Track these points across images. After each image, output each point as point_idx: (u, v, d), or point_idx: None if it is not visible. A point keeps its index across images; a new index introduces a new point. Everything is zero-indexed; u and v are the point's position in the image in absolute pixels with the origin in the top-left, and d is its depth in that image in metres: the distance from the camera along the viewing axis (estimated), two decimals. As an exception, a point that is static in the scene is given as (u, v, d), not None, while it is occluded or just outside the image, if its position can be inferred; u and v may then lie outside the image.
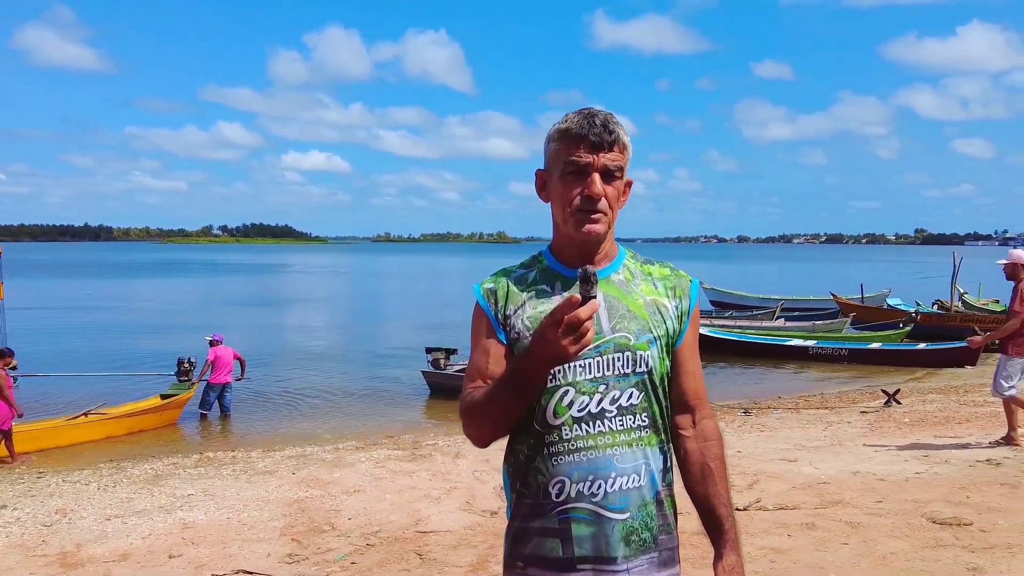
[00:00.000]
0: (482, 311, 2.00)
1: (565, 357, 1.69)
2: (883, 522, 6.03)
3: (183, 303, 42.97)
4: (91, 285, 59.28)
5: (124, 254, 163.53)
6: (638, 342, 1.92)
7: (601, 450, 1.88)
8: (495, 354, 1.95)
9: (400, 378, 18.86)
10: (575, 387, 1.89)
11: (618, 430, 1.90)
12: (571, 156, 1.90)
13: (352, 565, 5.64)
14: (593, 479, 1.87)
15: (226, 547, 6.12)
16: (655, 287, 2.02)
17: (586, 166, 1.89)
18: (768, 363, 20.97)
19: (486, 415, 1.89)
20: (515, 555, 1.96)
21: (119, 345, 24.22)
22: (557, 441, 1.89)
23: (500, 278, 2.03)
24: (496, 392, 1.84)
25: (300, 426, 13.82)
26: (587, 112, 1.92)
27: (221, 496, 7.72)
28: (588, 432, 1.88)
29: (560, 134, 1.93)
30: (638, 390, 1.92)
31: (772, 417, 12.64)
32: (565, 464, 1.88)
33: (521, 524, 1.95)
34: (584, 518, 1.87)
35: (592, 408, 1.89)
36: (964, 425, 10.55)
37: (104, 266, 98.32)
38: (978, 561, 5.11)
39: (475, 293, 2.02)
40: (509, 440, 1.98)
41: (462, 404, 1.95)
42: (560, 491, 1.89)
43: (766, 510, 6.48)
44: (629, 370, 1.91)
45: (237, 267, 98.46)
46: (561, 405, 1.89)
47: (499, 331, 1.97)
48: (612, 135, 1.90)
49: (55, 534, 6.57)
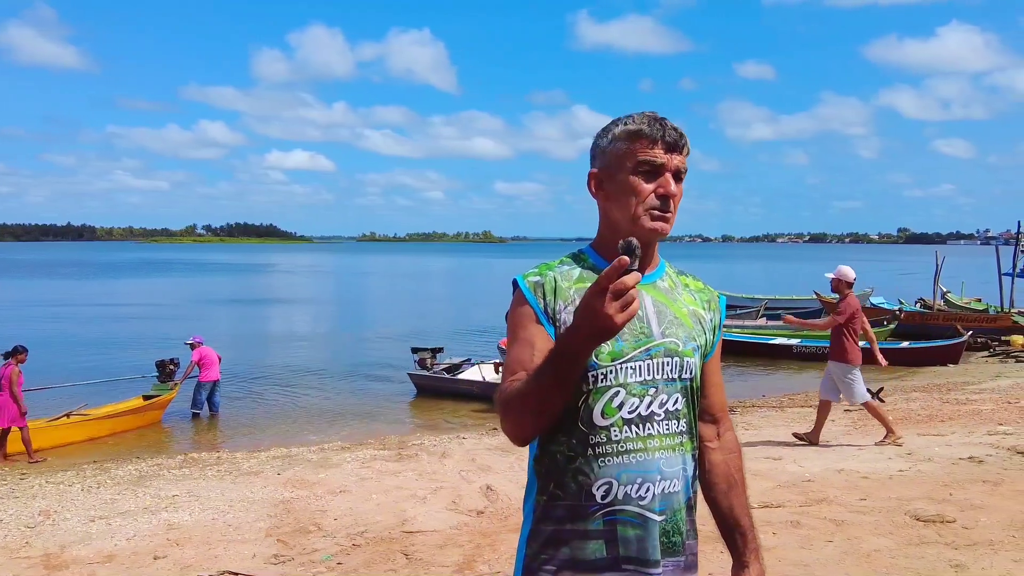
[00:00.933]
0: (527, 303, 1.94)
1: (611, 328, 1.62)
2: (867, 520, 6.07)
3: (168, 303, 42.70)
4: (74, 285, 58.88)
5: (108, 254, 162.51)
6: (685, 348, 1.95)
7: (651, 452, 1.88)
8: (540, 347, 1.88)
9: (386, 378, 18.84)
10: (625, 388, 1.88)
11: (664, 434, 1.91)
12: (647, 155, 1.91)
13: (338, 566, 5.63)
14: (642, 482, 1.87)
15: (211, 548, 6.10)
16: (694, 298, 2.06)
17: (661, 166, 1.91)
18: (752, 362, 21.07)
19: (526, 406, 1.81)
20: (545, 559, 1.91)
21: (101, 347, 24.10)
22: (605, 442, 1.87)
23: (546, 272, 1.98)
24: (538, 379, 1.77)
25: (285, 426, 13.78)
26: (652, 116, 1.95)
27: (206, 497, 7.68)
28: (638, 434, 1.88)
29: (630, 134, 1.93)
30: (682, 396, 1.94)
31: (757, 415, 12.70)
32: (614, 466, 1.87)
33: (555, 527, 1.91)
34: (631, 520, 1.86)
35: (642, 411, 1.89)
36: (947, 423, 10.63)
37: (87, 266, 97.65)
38: (961, 558, 5.16)
39: (520, 285, 1.97)
40: (542, 441, 1.94)
41: (500, 397, 1.88)
42: (607, 493, 1.86)
43: (751, 508, 6.51)
44: (676, 375, 1.93)
45: (223, 267, 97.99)
46: (611, 406, 1.88)
47: (547, 325, 1.92)
48: (683, 138, 1.93)
49: (39, 536, 6.52)
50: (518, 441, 1.90)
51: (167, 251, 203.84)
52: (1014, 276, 29.20)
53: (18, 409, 11.23)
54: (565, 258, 2.05)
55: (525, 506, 2.00)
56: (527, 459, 2.03)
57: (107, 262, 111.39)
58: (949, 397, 13.66)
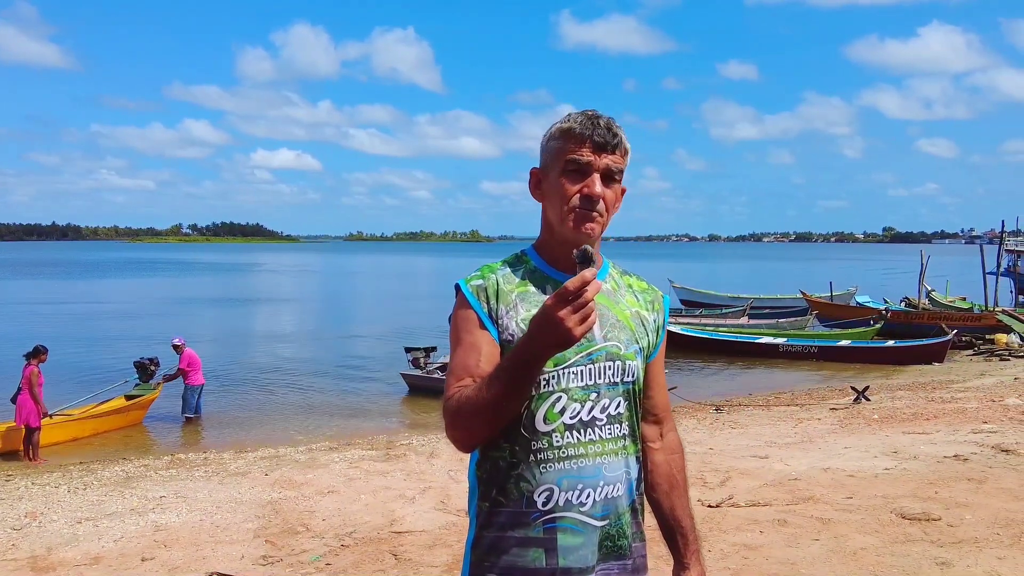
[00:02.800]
0: (469, 307, 1.92)
1: (571, 339, 1.63)
2: (853, 518, 6.11)
3: (154, 302, 42.47)
4: (58, 285, 58.50)
5: (93, 253, 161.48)
6: (627, 352, 1.93)
7: (591, 458, 1.87)
8: (487, 352, 1.87)
9: (373, 378, 18.82)
10: (567, 394, 1.86)
11: (607, 439, 1.89)
12: (573, 154, 1.88)
13: (327, 566, 5.63)
14: (582, 488, 1.85)
15: (199, 549, 6.09)
16: (636, 299, 2.03)
17: (587, 165, 1.87)
18: (739, 361, 21.15)
19: (478, 414, 1.78)
20: (486, 567, 1.89)
21: (84, 346, 23.93)
22: (546, 448, 1.85)
23: (488, 274, 1.96)
24: (492, 386, 1.75)
25: (273, 427, 13.73)
26: (591, 113, 1.92)
27: (193, 498, 7.66)
28: (579, 440, 1.86)
29: (562, 133, 1.91)
30: (624, 399, 1.93)
31: (743, 414, 12.75)
32: (554, 472, 1.85)
33: (497, 534, 1.88)
34: (571, 527, 1.84)
35: (584, 416, 1.87)
36: (932, 421, 10.70)
37: (72, 265, 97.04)
38: (946, 555, 5.20)
39: (462, 289, 1.94)
40: (484, 447, 1.91)
41: (449, 404, 1.85)
42: (548, 499, 1.84)
43: (738, 507, 6.54)
44: (618, 379, 1.91)
45: (210, 266, 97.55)
46: (553, 411, 1.86)
47: (492, 329, 1.90)
48: (615, 138, 1.89)
49: (25, 538, 6.49)
50: (465, 447, 1.89)
51: (153, 251, 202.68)
52: (998, 275, 29.44)
53: (37, 409, 11.23)
54: (508, 259, 2.02)
55: (469, 511, 1.98)
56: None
57: (92, 262, 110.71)
58: (934, 396, 13.76)
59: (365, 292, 56.00)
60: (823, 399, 14.33)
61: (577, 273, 1.62)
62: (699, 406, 13.95)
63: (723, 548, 5.53)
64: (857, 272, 73.47)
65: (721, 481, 7.47)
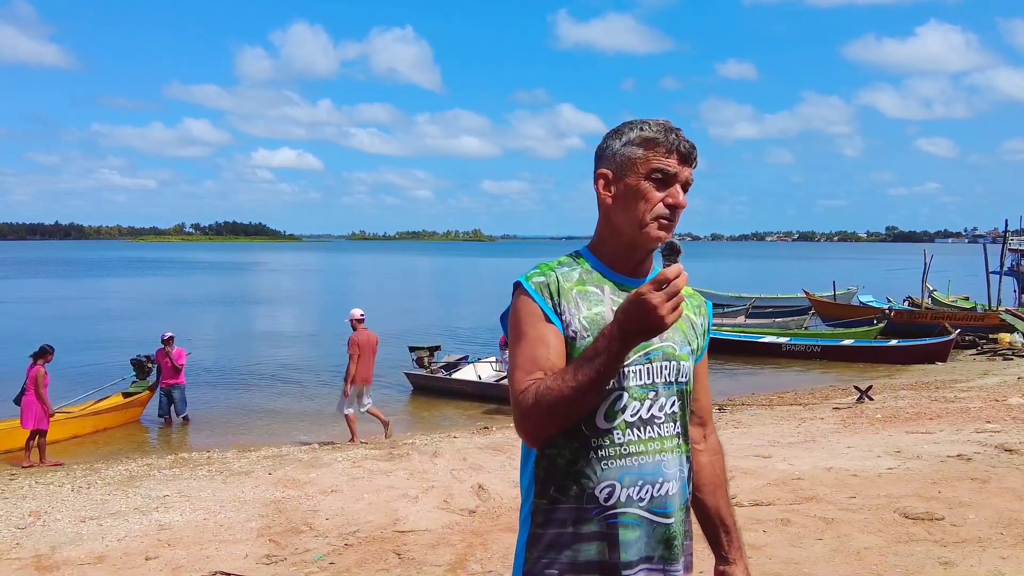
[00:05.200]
0: (534, 303, 1.94)
1: (663, 326, 1.70)
2: (856, 517, 6.10)
3: (157, 301, 42.51)
4: (61, 284, 58.57)
5: (96, 252, 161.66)
6: (681, 352, 1.99)
7: (652, 455, 1.92)
8: (556, 345, 1.90)
9: (377, 377, 18.72)
10: (627, 392, 1.91)
11: (665, 436, 1.94)
12: (661, 164, 1.92)
13: (331, 565, 5.64)
14: (642, 484, 1.90)
15: (203, 548, 6.09)
16: (687, 303, 2.05)
17: (673, 176, 1.93)
18: (741, 360, 21.12)
19: (560, 404, 1.81)
20: (547, 564, 1.91)
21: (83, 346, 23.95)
22: (608, 445, 1.89)
23: (548, 272, 1.99)
24: (576, 376, 1.78)
25: (275, 426, 13.75)
26: (667, 124, 1.96)
27: (197, 497, 7.67)
28: (640, 437, 1.91)
29: (645, 141, 1.94)
30: (678, 399, 1.98)
31: (746, 413, 12.75)
32: (616, 468, 1.89)
33: (557, 531, 1.91)
34: (632, 523, 1.89)
35: (643, 414, 1.92)
36: (935, 421, 10.69)
37: (75, 264, 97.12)
38: (950, 555, 5.19)
39: (524, 285, 1.97)
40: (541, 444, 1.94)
41: (524, 396, 1.85)
42: (609, 495, 1.88)
43: (741, 506, 6.53)
44: (673, 379, 1.97)
45: (212, 265, 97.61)
46: (614, 410, 1.90)
47: (558, 323, 1.92)
48: (695, 151, 1.96)
49: (29, 537, 6.50)
50: (537, 440, 1.91)
51: (156, 250, 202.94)
52: (1001, 274, 29.40)
53: (44, 411, 11.05)
54: (563, 259, 2.06)
55: (523, 510, 2.00)
56: (518, 459, 2.04)
57: (94, 260, 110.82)
58: (937, 395, 13.74)
59: (368, 292, 55.99)
60: (826, 398, 14.33)
61: (664, 267, 1.72)
62: (702, 405, 13.93)
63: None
64: (859, 271, 73.42)
65: (724, 480, 7.46)
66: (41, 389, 11.02)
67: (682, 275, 1.69)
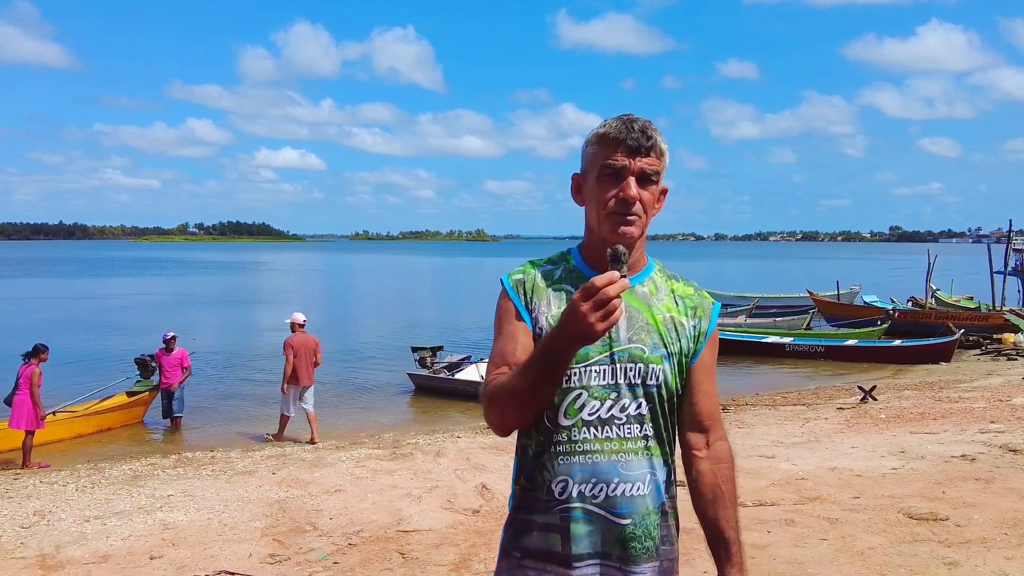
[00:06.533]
0: (510, 300, 2.02)
1: (592, 333, 1.69)
2: (860, 517, 6.10)
3: (161, 301, 42.56)
4: (63, 283, 58.66)
5: (100, 252, 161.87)
6: (651, 355, 1.96)
7: (606, 455, 1.93)
8: (524, 342, 1.96)
9: (379, 377, 18.83)
10: (588, 391, 1.93)
11: (625, 437, 1.94)
12: (608, 159, 1.93)
13: (334, 565, 5.64)
14: (596, 482, 1.92)
15: (207, 548, 6.10)
16: (676, 304, 2.06)
17: (622, 169, 1.92)
18: (745, 360, 21.10)
19: (513, 399, 1.88)
20: (514, 546, 2.00)
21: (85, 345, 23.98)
22: (565, 441, 1.93)
23: (528, 270, 2.05)
24: (523, 375, 1.84)
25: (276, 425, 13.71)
26: (626, 118, 1.96)
27: (201, 496, 7.68)
28: (596, 436, 1.93)
29: (599, 138, 1.96)
30: (647, 401, 1.96)
31: (750, 414, 12.73)
32: (570, 464, 1.93)
33: (524, 516, 2.00)
34: (582, 518, 1.92)
35: (602, 413, 1.93)
36: (939, 421, 10.68)
37: (79, 263, 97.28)
38: (954, 555, 5.19)
39: (503, 283, 2.04)
40: (519, 435, 2.03)
41: (487, 389, 1.94)
42: (563, 490, 1.93)
43: (745, 506, 6.53)
44: (639, 381, 1.95)
45: (216, 265, 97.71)
46: (573, 407, 1.93)
47: (528, 320, 1.99)
48: (650, 140, 1.93)
49: (33, 536, 6.51)
50: (500, 431, 1.99)
51: (160, 250, 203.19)
52: (1005, 274, 29.36)
53: (37, 412, 10.96)
54: (552, 256, 2.11)
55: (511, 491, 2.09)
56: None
57: (98, 260, 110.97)
58: (941, 395, 13.72)
59: (371, 291, 56.02)
60: (830, 399, 14.31)
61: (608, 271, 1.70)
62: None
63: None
64: (862, 271, 73.33)
65: (728, 481, 7.45)
66: (35, 390, 10.93)
67: (615, 284, 1.66)
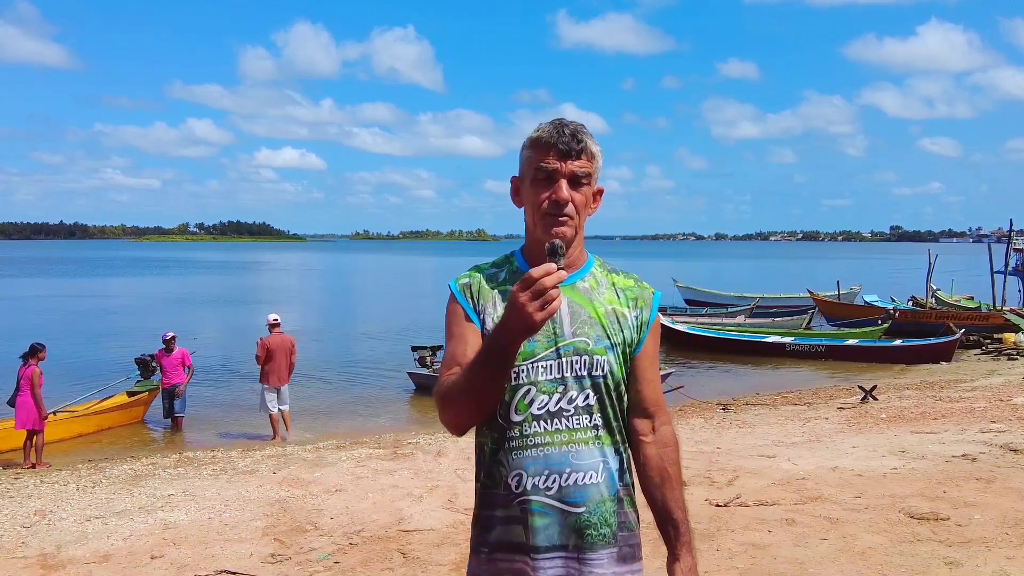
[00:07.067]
0: (458, 304, 2.09)
1: (532, 324, 1.75)
2: (861, 517, 6.10)
3: (161, 300, 42.57)
4: (64, 283, 58.67)
5: (101, 251, 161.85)
6: (595, 347, 2.03)
7: (557, 447, 1.99)
8: (473, 342, 2.01)
9: (379, 376, 18.84)
10: (536, 386, 2.00)
11: (575, 428, 2.01)
12: (541, 163, 2.01)
13: (335, 564, 5.65)
14: (548, 473, 1.98)
15: (208, 547, 6.10)
16: (617, 296, 2.12)
17: (554, 172, 2.00)
18: (746, 360, 21.11)
19: (462, 397, 1.94)
20: (481, 541, 2.07)
21: (86, 345, 24.01)
22: (518, 436, 2.00)
23: (474, 274, 2.13)
24: (472, 372, 1.90)
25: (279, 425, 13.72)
26: (558, 122, 2.04)
27: (202, 496, 7.68)
28: (546, 429, 1.99)
29: (532, 143, 2.04)
30: (594, 392, 2.03)
31: (751, 413, 12.73)
32: (523, 458, 2.00)
33: (487, 512, 2.06)
34: (539, 510, 1.98)
35: (551, 407, 2.00)
36: (940, 421, 10.67)
37: (80, 263, 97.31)
38: (955, 555, 5.19)
39: (451, 289, 2.12)
40: (476, 433, 2.09)
41: (439, 390, 2.01)
42: (518, 483, 2.00)
43: (746, 506, 6.54)
44: (585, 373, 2.02)
45: (217, 265, 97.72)
46: (523, 403, 2.00)
47: (477, 322, 2.06)
48: (580, 144, 2.01)
49: (34, 536, 6.51)
50: (455, 431, 2.05)
51: (161, 249, 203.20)
52: (1006, 274, 29.35)
53: (39, 411, 10.96)
54: (497, 260, 2.19)
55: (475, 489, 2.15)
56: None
57: (99, 260, 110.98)
58: (942, 395, 13.72)
59: (372, 291, 56.04)
60: (830, 398, 14.31)
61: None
62: (706, 405, 13.94)
63: (731, 547, 5.53)
64: (863, 271, 73.32)
65: (729, 480, 7.46)
66: (36, 390, 10.93)
67: (551, 275, 1.73)
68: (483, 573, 2.06)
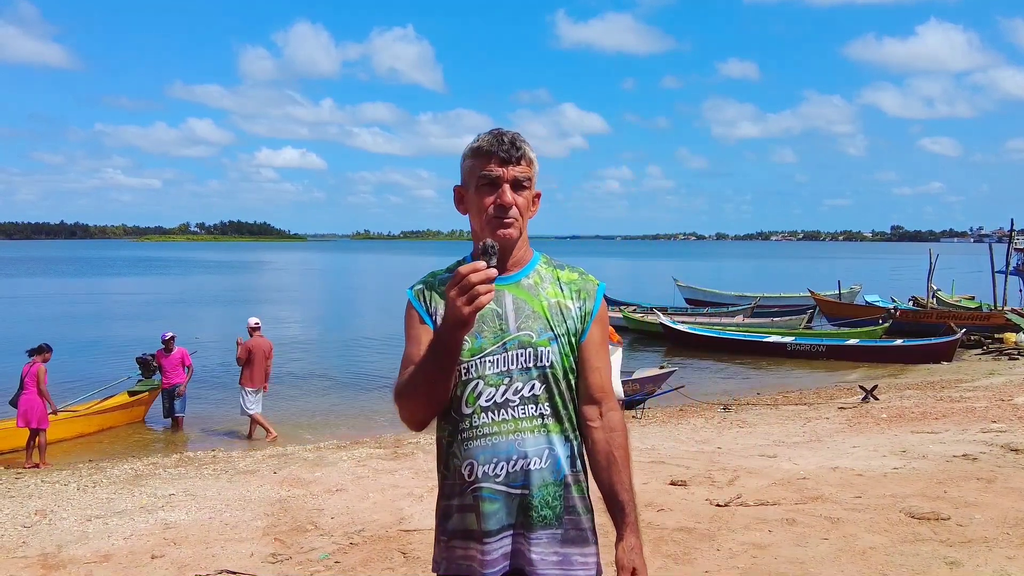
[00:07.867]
0: (414, 308, 2.22)
1: (461, 318, 1.88)
2: (862, 517, 6.10)
3: (162, 300, 42.59)
4: (65, 283, 58.68)
5: (101, 251, 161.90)
6: (539, 339, 2.15)
7: (504, 436, 2.12)
8: (426, 343, 2.10)
9: (379, 376, 18.82)
10: (484, 380, 2.13)
11: (520, 418, 2.13)
12: (483, 170, 2.13)
13: (336, 564, 5.64)
14: (497, 461, 2.11)
15: (209, 547, 6.10)
16: (561, 290, 2.23)
17: (497, 178, 2.12)
18: (747, 360, 21.11)
19: (415, 393, 2.08)
20: (441, 530, 2.21)
21: (87, 344, 24.00)
22: (468, 428, 2.14)
23: (429, 280, 2.26)
24: (420, 368, 2.05)
25: (280, 425, 13.72)
26: (497, 132, 2.16)
27: (203, 496, 7.68)
28: (494, 420, 2.12)
29: (474, 152, 2.16)
30: (540, 382, 2.15)
31: (751, 413, 12.73)
32: (474, 448, 2.13)
33: (446, 502, 2.20)
34: (490, 496, 2.11)
35: (497, 399, 2.13)
36: (941, 420, 10.67)
37: (81, 263, 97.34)
38: (956, 555, 5.18)
39: (408, 296, 2.25)
40: (436, 428, 2.22)
41: (395, 389, 2.14)
42: (470, 472, 2.13)
43: (746, 506, 6.54)
44: (531, 364, 2.14)
45: (217, 265, 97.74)
46: (472, 396, 2.13)
47: (431, 324, 2.18)
48: (519, 151, 2.13)
49: (35, 536, 6.51)
50: (413, 426, 2.19)
51: (161, 249, 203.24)
52: (1007, 274, 29.33)
53: (45, 409, 10.99)
54: (451, 265, 2.28)
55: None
56: None
57: (100, 259, 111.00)
58: (943, 395, 13.72)
59: (372, 291, 56.04)
60: (831, 398, 14.31)
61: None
62: (707, 405, 13.95)
63: (731, 547, 5.53)
64: (864, 270, 73.30)
65: (729, 480, 7.46)
66: (43, 387, 10.96)
67: (478, 272, 1.85)
68: (442, 560, 2.20)
